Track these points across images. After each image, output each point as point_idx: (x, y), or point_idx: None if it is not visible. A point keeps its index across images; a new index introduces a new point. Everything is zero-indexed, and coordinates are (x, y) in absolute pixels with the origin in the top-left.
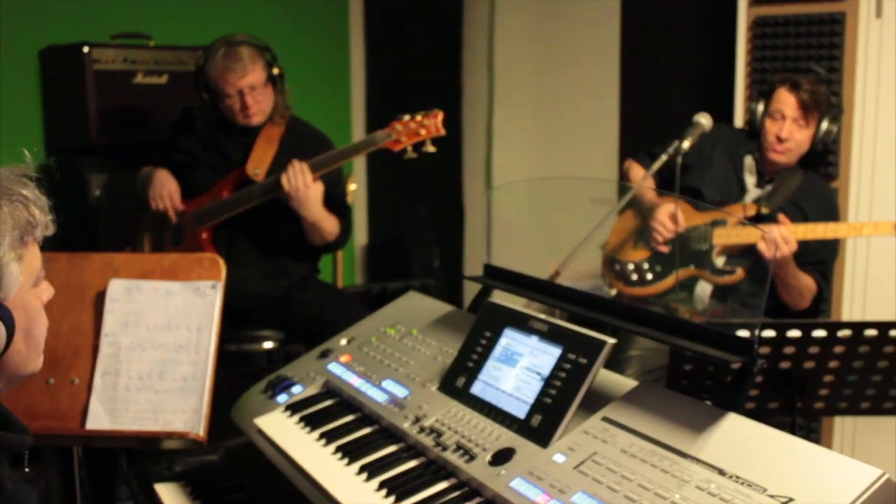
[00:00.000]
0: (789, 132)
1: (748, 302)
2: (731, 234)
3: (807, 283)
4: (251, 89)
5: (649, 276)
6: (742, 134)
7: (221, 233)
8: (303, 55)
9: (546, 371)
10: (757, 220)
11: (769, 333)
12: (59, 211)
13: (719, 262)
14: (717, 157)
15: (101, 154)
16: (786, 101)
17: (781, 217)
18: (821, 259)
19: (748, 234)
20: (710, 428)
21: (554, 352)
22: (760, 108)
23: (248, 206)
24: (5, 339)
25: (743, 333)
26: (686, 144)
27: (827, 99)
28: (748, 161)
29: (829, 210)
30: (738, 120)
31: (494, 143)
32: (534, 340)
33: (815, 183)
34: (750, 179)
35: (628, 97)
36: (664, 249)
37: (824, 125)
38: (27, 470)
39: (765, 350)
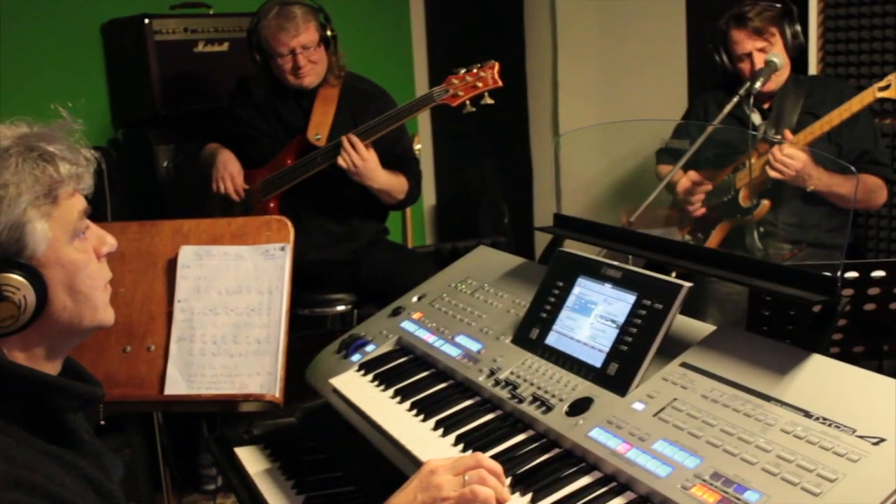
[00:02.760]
0: (762, 61)
1: (822, 240)
2: (753, 171)
3: (865, 182)
4: (304, 49)
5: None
6: (725, 83)
7: (288, 200)
8: (363, 13)
9: (621, 318)
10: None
11: (852, 274)
12: (127, 183)
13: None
14: (713, 118)
15: (166, 125)
16: (740, 39)
17: (786, 133)
18: (864, 150)
19: (762, 163)
20: (794, 370)
21: (629, 298)
22: (725, 59)
23: (312, 171)
24: (35, 297)
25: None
26: (758, 85)
27: (772, 9)
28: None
29: (841, 98)
30: (813, 67)
31: (560, 94)
32: (608, 288)
33: (822, 83)
34: (755, 117)
35: (696, 41)
36: (702, 211)
37: (788, 30)
38: (103, 423)
39: (848, 292)
